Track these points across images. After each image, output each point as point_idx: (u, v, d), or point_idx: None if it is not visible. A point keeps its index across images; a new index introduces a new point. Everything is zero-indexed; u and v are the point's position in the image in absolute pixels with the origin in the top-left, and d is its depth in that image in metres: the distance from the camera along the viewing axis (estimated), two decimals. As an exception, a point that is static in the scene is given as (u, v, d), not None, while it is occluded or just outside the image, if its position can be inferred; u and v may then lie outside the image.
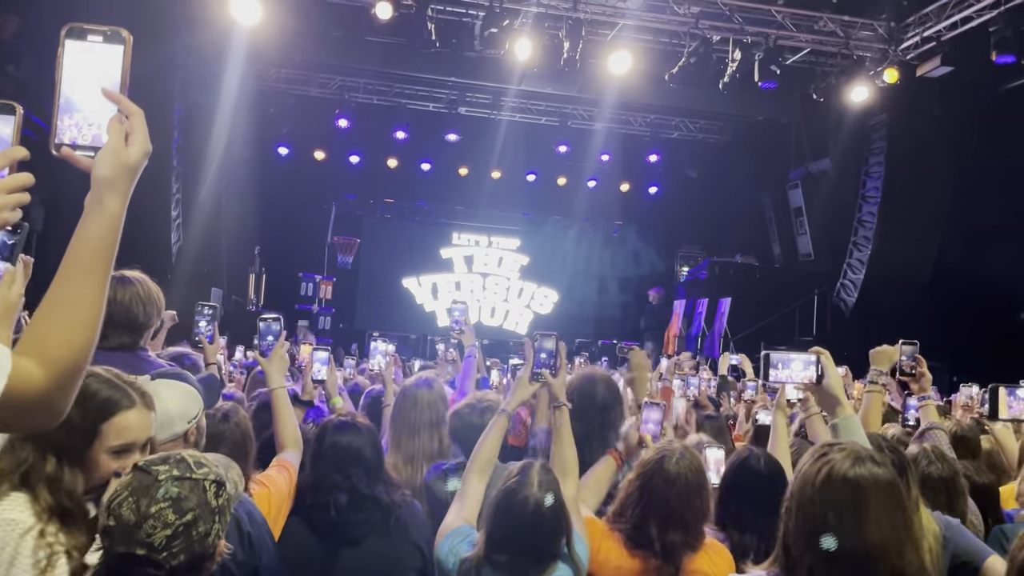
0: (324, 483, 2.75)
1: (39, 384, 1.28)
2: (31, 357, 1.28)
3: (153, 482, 1.64)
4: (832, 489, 1.71)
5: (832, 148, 13.63)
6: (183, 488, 1.65)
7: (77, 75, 1.36)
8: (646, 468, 2.59)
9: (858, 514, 1.68)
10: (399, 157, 16.43)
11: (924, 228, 13.07)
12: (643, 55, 11.35)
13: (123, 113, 1.37)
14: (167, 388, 2.34)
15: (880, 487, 1.70)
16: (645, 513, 2.53)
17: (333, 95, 14.74)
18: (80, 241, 1.35)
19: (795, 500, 1.78)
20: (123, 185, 1.37)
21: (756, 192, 16.20)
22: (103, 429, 1.86)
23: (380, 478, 2.83)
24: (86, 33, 1.38)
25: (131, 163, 1.37)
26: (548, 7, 10.71)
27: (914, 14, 10.88)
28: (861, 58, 11.35)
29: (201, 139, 12.26)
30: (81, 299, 1.33)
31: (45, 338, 1.31)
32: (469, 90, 14.57)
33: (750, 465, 2.89)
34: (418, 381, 3.58)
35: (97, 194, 1.36)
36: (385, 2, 9.77)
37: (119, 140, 1.36)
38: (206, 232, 12.67)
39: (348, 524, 2.72)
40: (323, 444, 2.81)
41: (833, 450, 1.78)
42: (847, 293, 14.18)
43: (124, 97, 1.38)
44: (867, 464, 1.73)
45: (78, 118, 1.36)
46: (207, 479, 1.70)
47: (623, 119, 15.72)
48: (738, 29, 11.02)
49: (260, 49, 11.73)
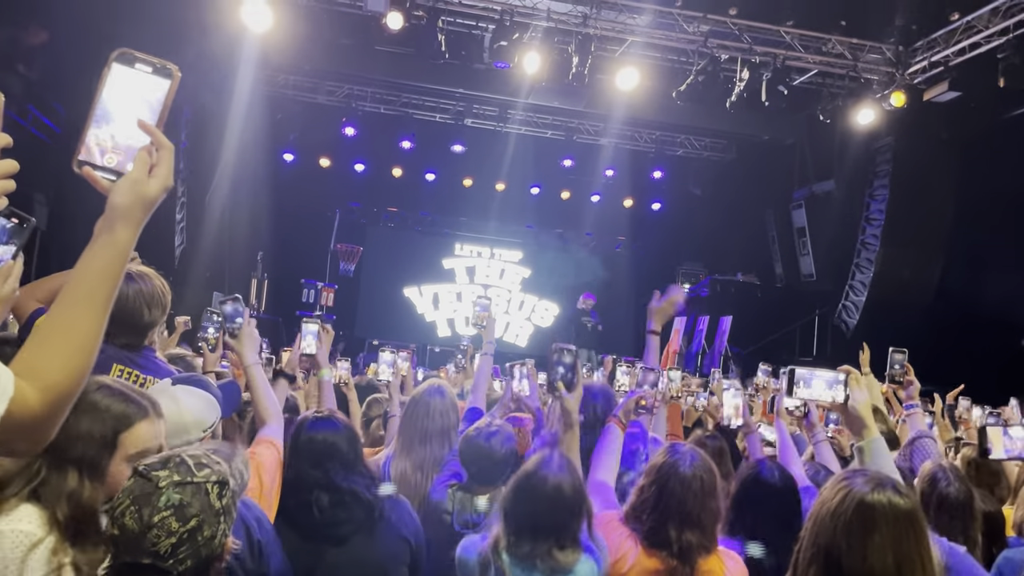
0: (303, 480, 2.71)
1: (34, 409, 1.26)
2: (28, 381, 1.26)
3: (154, 489, 1.61)
4: (846, 513, 1.71)
5: (837, 169, 13.65)
6: (185, 494, 1.62)
7: (117, 99, 1.36)
8: (660, 472, 2.59)
9: (867, 539, 1.67)
10: (404, 166, 16.46)
11: (927, 252, 13.08)
12: (651, 72, 11.39)
13: (154, 146, 1.37)
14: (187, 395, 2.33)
15: (896, 515, 1.69)
16: (663, 515, 2.54)
17: (340, 103, 14.79)
18: (86, 268, 1.34)
19: (811, 521, 1.78)
20: (137, 216, 1.36)
21: (759, 211, 16.22)
22: (121, 440, 1.87)
23: (358, 471, 2.79)
24: (136, 61, 1.37)
25: (149, 196, 1.37)
26: (558, 22, 10.76)
27: (923, 39, 10.93)
28: (868, 81, 11.38)
29: (208, 143, 12.29)
30: (82, 326, 1.32)
31: (43, 363, 1.29)
32: (476, 102, 14.61)
33: (763, 478, 2.89)
34: (430, 389, 3.58)
35: (109, 222, 1.35)
36: (396, 12, 9.82)
37: (143, 171, 1.36)
38: (210, 236, 12.68)
39: (332, 524, 2.69)
40: (298, 440, 2.78)
41: (856, 475, 1.78)
42: (848, 315, 14.17)
43: (158, 131, 1.37)
44: (887, 491, 1.72)
45: (108, 141, 1.35)
46: (209, 481, 1.66)
47: (629, 135, 15.76)
48: (747, 49, 11.07)
49: (270, 55, 11.78)
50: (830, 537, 1.70)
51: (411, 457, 3.37)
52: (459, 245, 18.24)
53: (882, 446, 2.31)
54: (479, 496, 3.21)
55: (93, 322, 1.33)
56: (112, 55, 1.36)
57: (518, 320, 18.23)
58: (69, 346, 1.31)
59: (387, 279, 17.51)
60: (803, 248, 14.99)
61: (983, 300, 11.32)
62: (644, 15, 10.81)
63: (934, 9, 10.48)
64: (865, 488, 1.72)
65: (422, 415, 3.45)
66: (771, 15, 10.96)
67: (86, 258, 1.35)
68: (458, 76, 12.79)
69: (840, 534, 1.69)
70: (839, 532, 1.70)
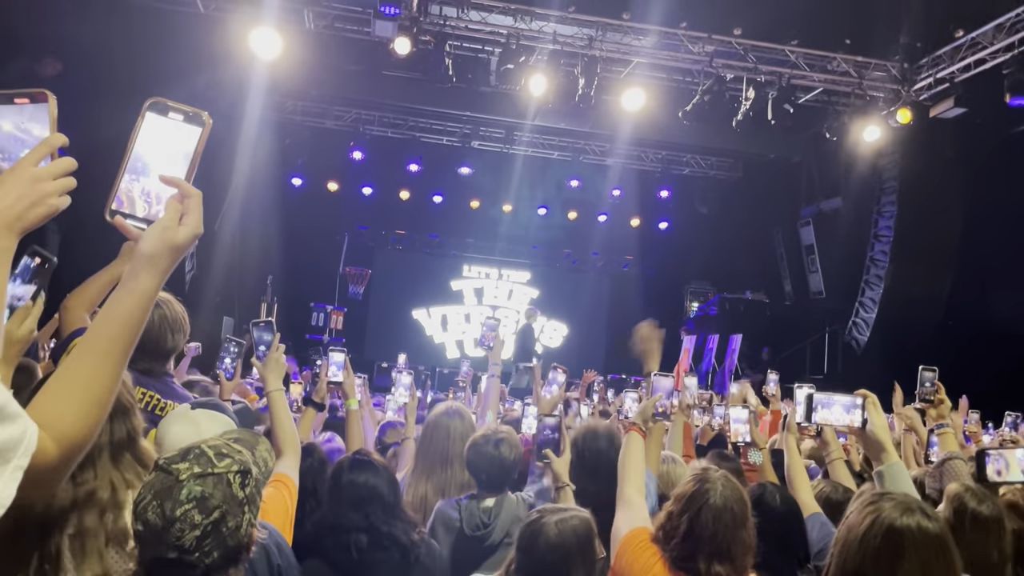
0: (343, 522, 2.74)
1: (51, 459, 1.25)
2: (46, 431, 1.24)
3: (175, 483, 1.60)
4: (875, 538, 1.68)
5: (844, 187, 13.67)
6: (206, 485, 1.60)
7: (150, 148, 1.37)
8: (692, 502, 2.56)
9: (896, 565, 1.65)
10: (412, 189, 16.54)
11: (936, 268, 13.04)
12: (657, 92, 11.44)
13: (183, 195, 1.37)
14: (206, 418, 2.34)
15: (926, 540, 1.67)
16: (694, 548, 2.51)
17: (348, 127, 14.90)
18: (108, 316, 1.33)
19: (838, 546, 1.76)
20: (164, 263, 1.36)
21: (767, 229, 16.22)
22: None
23: (398, 515, 2.82)
24: (169, 110, 1.39)
25: (178, 243, 1.37)
26: (564, 44, 10.84)
27: (927, 56, 10.97)
28: (874, 98, 11.42)
29: (218, 169, 12.37)
30: (100, 378, 1.31)
31: (61, 413, 1.27)
32: (483, 124, 14.71)
33: (765, 501, 2.87)
34: (448, 411, 3.57)
35: (135, 269, 1.34)
36: (404, 37, 9.90)
37: (173, 219, 1.36)
38: (220, 261, 12.74)
39: (369, 564, 2.71)
40: (340, 483, 2.81)
41: (883, 499, 1.76)
42: (859, 332, 14.12)
43: (183, 181, 1.38)
44: (916, 515, 1.69)
45: (140, 190, 1.36)
46: (230, 471, 1.64)
47: (635, 155, 15.81)
48: (752, 68, 11.13)
49: (278, 82, 11.89)
50: (858, 563, 1.68)
51: (432, 480, 3.35)
52: (467, 267, 18.27)
53: (901, 470, 2.29)
54: (486, 499, 3.25)
55: (111, 372, 1.32)
56: (145, 104, 1.37)
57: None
58: (88, 397, 1.29)
59: (396, 301, 17.55)
60: (812, 265, 14.98)
61: (993, 315, 11.28)
62: (649, 36, 10.89)
63: (939, 26, 10.52)
64: (894, 513, 1.70)
65: (442, 438, 3.43)
66: (776, 34, 11.02)
67: (109, 307, 1.34)
68: (465, 99, 12.87)
69: (869, 560, 1.67)
70: (868, 558, 1.67)
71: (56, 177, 1.31)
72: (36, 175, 1.29)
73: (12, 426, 1.17)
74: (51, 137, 1.34)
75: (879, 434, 2.35)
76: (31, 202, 1.28)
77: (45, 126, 1.35)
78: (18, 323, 1.80)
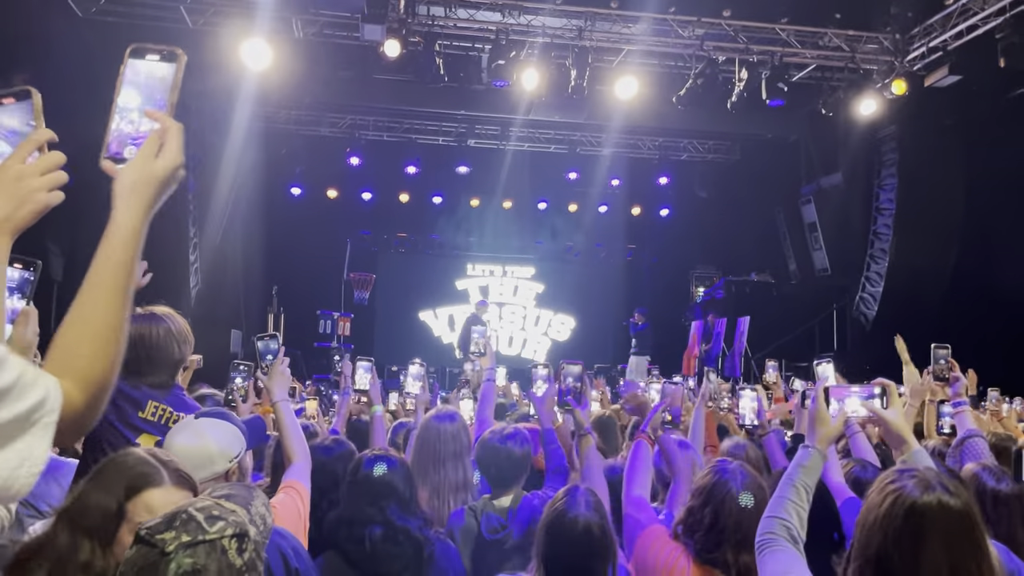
0: (358, 516, 2.76)
1: (78, 406, 1.22)
2: (66, 378, 1.22)
3: (159, 557, 1.36)
4: (896, 519, 1.63)
5: (843, 162, 13.62)
6: (197, 556, 1.37)
7: (133, 92, 1.38)
8: (714, 493, 2.56)
9: (918, 543, 1.60)
10: (410, 192, 16.57)
11: (940, 238, 13.02)
12: (649, 79, 11.41)
13: (162, 128, 1.35)
14: (211, 427, 2.35)
15: (949, 517, 1.61)
16: (720, 537, 2.51)
17: (343, 134, 14.90)
18: (100, 256, 1.29)
19: (859, 529, 1.71)
20: (146, 195, 1.31)
21: (769, 209, 16.18)
22: (128, 508, 1.78)
23: (413, 511, 2.84)
24: (146, 52, 1.40)
25: (157, 173, 1.32)
26: (554, 37, 10.83)
27: (919, 25, 10.90)
28: (868, 71, 11.36)
29: (217, 183, 12.41)
30: (104, 314, 1.27)
31: (75, 358, 1.24)
32: (478, 122, 14.70)
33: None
34: (439, 415, 3.59)
35: (116, 204, 1.30)
36: (393, 40, 9.89)
37: (151, 151, 1.33)
38: (224, 275, 12.78)
39: (382, 557, 2.72)
40: (356, 477, 2.83)
41: (903, 476, 1.70)
42: (867, 306, 14.09)
43: (162, 114, 1.36)
44: (937, 492, 1.64)
45: (127, 134, 1.36)
46: (224, 536, 1.41)
47: (631, 143, 15.79)
48: (743, 49, 11.09)
49: (270, 92, 11.90)
50: (880, 546, 1.63)
51: (427, 483, 3.37)
52: (471, 265, 18.28)
53: (924, 457, 2.24)
54: (500, 499, 3.25)
55: (114, 307, 1.27)
56: (127, 51, 1.38)
57: (535, 336, 18.22)
58: (97, 336, 1.26)
59: (402, 304, 17.56)
60: (815, 243, 14.94)
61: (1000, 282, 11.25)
62: (639, 23, 10.87)
63: (929, -6, 10.48)
64: (915, 492, 1.64)
65: (433, 439, 3.45)
66: (765, 13, 10.98)
67: (101, 246, 1.30)
68: (458, 98, 12.87)
69: (891, 543, 1.62)
70: (889, 541, 1.62)
71: (43, 173, 1.29)
72: (21, 172, 1.27)
73: (33, 391, 1.16)
74: (35, 133, 1.32)
75: (899, 425, 2.29)
76: (19, 201, 1.27)
77: (31, 122, 1.34)
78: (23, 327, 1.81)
